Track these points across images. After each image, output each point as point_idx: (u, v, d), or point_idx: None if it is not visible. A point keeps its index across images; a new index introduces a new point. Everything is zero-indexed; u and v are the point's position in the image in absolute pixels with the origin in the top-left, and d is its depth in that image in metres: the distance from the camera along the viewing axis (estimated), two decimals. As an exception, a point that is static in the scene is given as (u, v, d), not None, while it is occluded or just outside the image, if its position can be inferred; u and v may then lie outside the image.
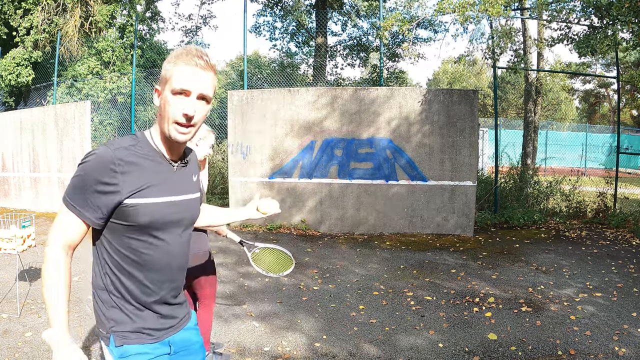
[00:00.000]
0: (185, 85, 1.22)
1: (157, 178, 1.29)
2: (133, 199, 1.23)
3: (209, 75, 1.25)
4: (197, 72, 1.23)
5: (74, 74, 10.54)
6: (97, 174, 1.20)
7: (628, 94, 21.52)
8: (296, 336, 3.42)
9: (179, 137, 1.26)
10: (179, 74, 1.22)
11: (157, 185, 1.29)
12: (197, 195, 1.46)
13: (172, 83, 1.23)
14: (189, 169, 1.44)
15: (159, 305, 1.35)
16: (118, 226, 1.26)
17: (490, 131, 14.28)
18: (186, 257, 1.45)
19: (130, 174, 1.23)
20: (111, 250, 1.29)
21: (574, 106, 31.84)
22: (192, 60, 1.22)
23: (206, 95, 1.26)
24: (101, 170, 1.20)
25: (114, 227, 1.27)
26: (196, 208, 1.45)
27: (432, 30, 13.16)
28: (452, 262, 5.47)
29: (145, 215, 1.26)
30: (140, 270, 1.29)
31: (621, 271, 5.00)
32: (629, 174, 12.46)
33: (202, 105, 1.27)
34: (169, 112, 1.24)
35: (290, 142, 7.23)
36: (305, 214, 7.27)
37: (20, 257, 4.35)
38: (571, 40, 7.98)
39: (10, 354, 3.06)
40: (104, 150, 1.22)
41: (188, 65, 1.22)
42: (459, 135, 6.84)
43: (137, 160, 1.26)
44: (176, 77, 1.22)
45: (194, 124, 1.27)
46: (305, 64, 15.42)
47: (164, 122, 1.26)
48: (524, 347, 3.22)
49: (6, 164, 9.45)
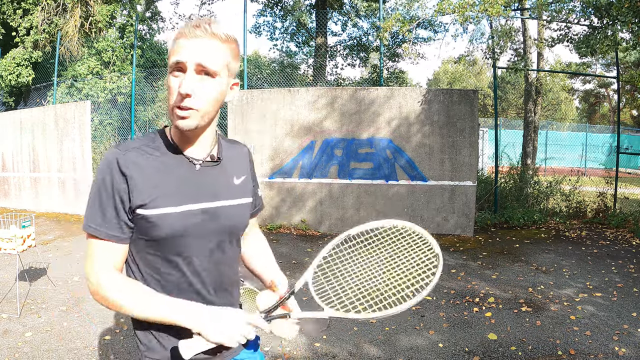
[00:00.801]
0: (178, 57, 1.01)
1: (175, 181, 1.08)
2: (145, 210, 1.04)
3: (209, 42, 1.02)
4: (193, 42, 1.01)
5: (74, 74, 10.54)
6: (109, 180, 1.04)
7: (628, 94, 21.52)
8: (296, 336, 3.42)
9: (180, 123, 1.04)
10: (175, 48, 1.03)
11: (175, 191, 1.07)
12: (238, 201, 1.18)
13: (169, 60, 1.04)
14: (223, 169, 1.18)
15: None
16: (140, 241, 1.08)
17: (490, 131, 14.28)
18: (229, 277, 1.19)
19: (141, 178, 1.05)
20: (135, 270, 1.11)
21: (574, 106, 31.86)
22: (190, 30, 1.02)
23: (206, 66, 1.01)
24: (111, 175, 1.04)
25: (136, 241, 1.09)
26: (237, 218, 1.18)
27: (432, 30, 13.16)
28: (452, 262, 5.47)
29: (161, 228, 1.05)
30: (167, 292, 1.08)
31: (621, 271, 5.00)
32: (629, 174, 12.46)
33: (203, 81, 1.03)
34: (169, 95, 1.06)
35: (290, 142, 7.24)
36: (305, 214, 7.27)
37: (20, 257, 4.35)
38: (571, 40, 7.98)
39: (10, 354, 3.06)
40: (112, 153, 1.05)
41: (184, 37, 1.02)
42: (459, 135, 6.84)
43: (150, 161, 1.07)
44: (172, 52, 1.04)
45: (196, 106, 1.03)
46: (305, 64, 15.42)
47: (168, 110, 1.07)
48: (524, 347, 3.22)
49: (6, 164, 9.45)
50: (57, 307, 3.93)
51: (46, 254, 5.66)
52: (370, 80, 14.20)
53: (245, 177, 1.25)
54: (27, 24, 10.35)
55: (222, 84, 1.07)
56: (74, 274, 4.93)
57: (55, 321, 3.63)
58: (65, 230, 7.15)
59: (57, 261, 5.40)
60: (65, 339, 3.32)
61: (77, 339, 3.32)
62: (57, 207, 8.81)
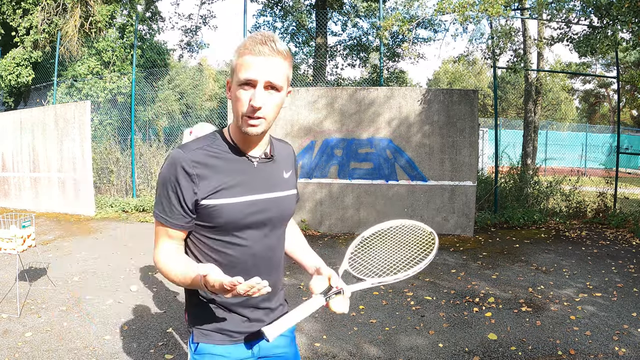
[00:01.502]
0: (249, 75, 1.15)
1: (235, 176, 1.25)
2: (210, 200, 1.21)
3: (275, 60, 1.16)
4: (262, 60, 1.15)
5: (74, 74, 10.54)
6: (174, 178, 1.19)
7: (628, 94, 21.52)
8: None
9: (250, 130, 1.19)
10: (243, 64, 1.16)
11: (236, 184, 1.24)
12: (287, 193, 1.37)
13: (238, 74, 1.17)
14: (276, 164, 1.36)
15: (245, 308, 1.30)
16: (199, 227, 1.25)
17: (490, 131, 14.28)
18: (277, 259, 1.38)
19: (205, 174, 1.20)
20: (194, 249, 1.28)
21: (574, 106, 31.86)
22: (255, 47, 1.14)
23: (274, 83, 1.17)
24: (176, 173, 1.19)
25: (196, 227, 1.25)
26: (287, 207, 1.36)
27: (432, 30, 13.16)
28: (452, 262, 5.47)
29: (223, 216, 1.22)
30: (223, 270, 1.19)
31: (621, 271, 5.00)
32: (629, 174, 12.45)
33: (271, 95, 1.18)
34: (238, 105, 1.19)
35: (290, 142, 7.22)
36: (305, 214, 7.27)
37: (20, 257, 4.35)
38: (571, 40, 7.98)
39: (10, 354, 3.06)
40: (177, 154, 1.21)
41: (251, 55, 1.15)
42: (459, 135, 6.84)
43: (213, 159, 1.23)
44: (241, 67, 1.16)
45: (264, 115, 1.18)
46: (305, 64, 15.41)
47: (236, 117, 1.22)
48: (524, 347, 3.22)
49: (6, 164, 9.45)
50: (57, 307, 3.93)
51: (46, 254, 5.66)
52: (370, 80, 14.20)
53: (292, 171, 1.43)
54: (27, 24, 10.35)
55: (284, 94, 1.23)
56: (74, 274, 4.93)
57: (55, 321, 3.63)
58: (65, 230, 7.15)
59: (57, 261, 5.40)
60: (65, 339, 3.32)
61: (77, 339, 3.32)
62: (57, 207, 8.81)
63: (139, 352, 3.16)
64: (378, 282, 1.31)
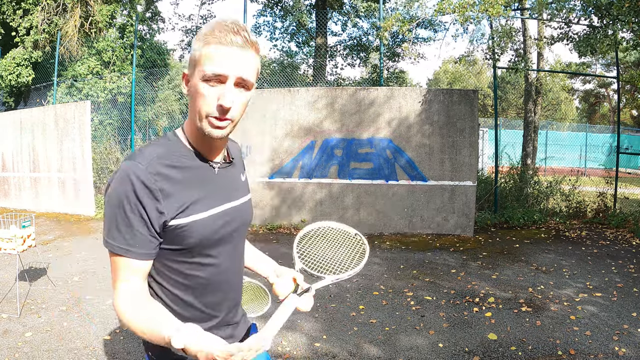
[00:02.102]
0: (218, 69, 0.96)
1: (200, 187, 1.07)
2: (179, 219, 1.02)
3: (248, 54, 0.99)
4: (233, 52, 0.97)
5: (74, 74, 10.54)
6: (133, 196, 0.97)
7: (628, 94, 21.52)
8: (296, 336, 3.42)
9: (215, 133, 1.02)
10: (210, 56, 0.97)
11: (202, 197, 1.07)
12: (247, 197, 1.24)
13: (203, 67, 0.97)
14: (235, 168, 1.22)
15: (219, 329, 1.16)
16: (165, 251, 1.05)
17: (490, 131, 14.28)
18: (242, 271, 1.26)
19: (169, 189, 1.01)
20: (158, 278, 1.08)
21: (574, 106, 31.86)
22: (227, 36, 0.96)
23: (246, 79, 1.00)
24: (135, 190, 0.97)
25: (161, 252, 1.05)
26: (249, 213, 1.25)
27: (432, 30, 13.18)
28: (452, 262, 5.47)
29: (194, 235, 1.04)
30: (194, 295, 1.10)
31: (621, 271, 5.00)
32: (629, 174, 12.44)
33: (240, 93, 1.01)
34: (201, 103, 1.00)
35: (290, 142, 7.23)
36: (305, 214, 7.27)
37: (20, 257, 4.35)
38: (571, 39, 7.98)
39: (10, 354, 3.06)
40: (132, 166, 0.98)
41: (222, 44, 0.96)
42: (459, 135, 6.84)
43: (173, 171, 1.03)
44: (207, 59, 0.97)
45: (232, 117, 1.02)
46: (305, 64, 15.42)
47: (196, 117, 1.02)
48: (524, 347, 3.22)
49: (6, 164, 9.45)
50: (57, 307, 3.93)
51: (46, 254, 5.66)
52: (370, 80, 14.21)
53: (245, 172, 1.30)
54: (27, 24, 10.35)
55: (253, 92, 1.07)
56: (74, 274, 4.93)
57: (55, 321, 3.63)
58: (65, 230, 7.15)
59: (57, 261, 5.40)
60: (65, 339, 3.32)
61: (77, 339, 3.32)
62: (57, 207, 8.81)
63: (139, 352, 3.16)
64: (336, 278, 1.23)
